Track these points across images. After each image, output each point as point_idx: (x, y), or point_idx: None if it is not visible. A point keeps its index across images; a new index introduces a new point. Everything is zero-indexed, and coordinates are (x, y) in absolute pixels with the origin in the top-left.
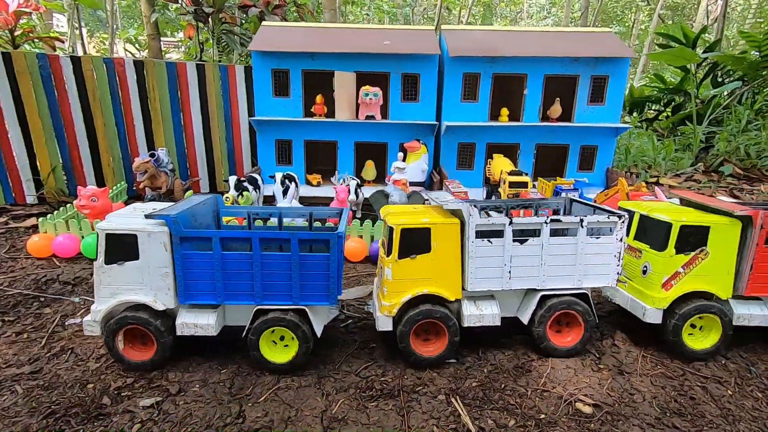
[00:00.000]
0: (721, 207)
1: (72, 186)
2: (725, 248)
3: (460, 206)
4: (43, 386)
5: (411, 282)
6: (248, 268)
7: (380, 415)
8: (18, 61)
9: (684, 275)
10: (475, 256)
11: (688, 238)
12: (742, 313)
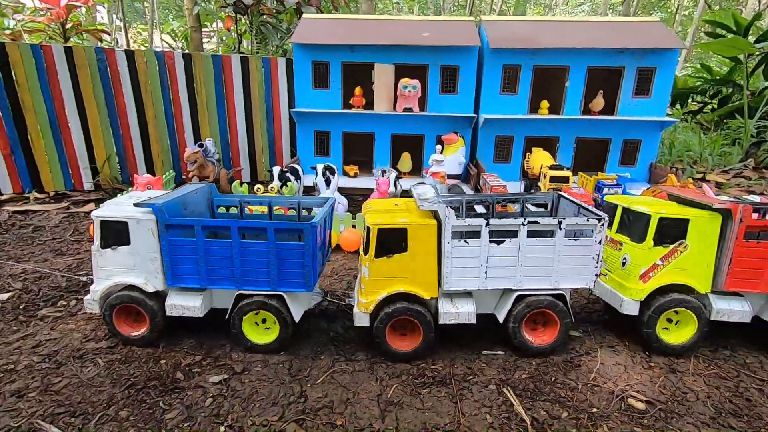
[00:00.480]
0: (702, 200)
1: (125, 174)
2: (705, 242)
3: (436, 207)
4: (121, 360)
5: (387, 280)
6: (229, 254)
7: (434, 401)
8: (78, 55)
9: (662, 268)
10: (451, 256)
11: (667, 231)
12: (722, 309)
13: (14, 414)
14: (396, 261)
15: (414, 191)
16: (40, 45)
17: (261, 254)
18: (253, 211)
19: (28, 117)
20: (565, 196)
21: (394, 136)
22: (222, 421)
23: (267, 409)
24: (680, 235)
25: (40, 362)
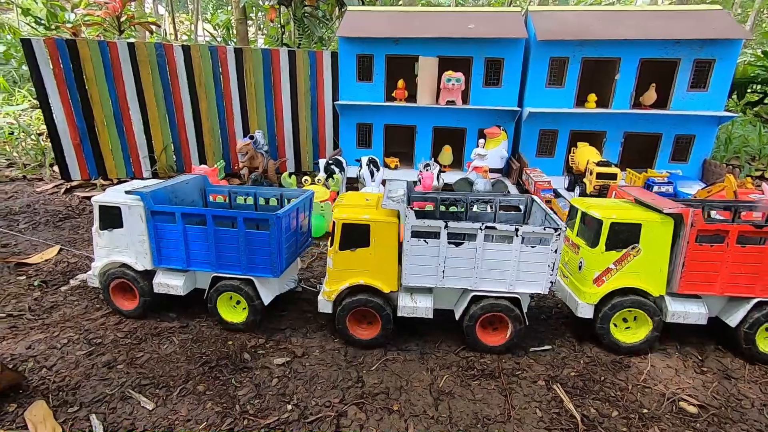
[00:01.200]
0: (654, 204)
1: (179, 162)
2: (658, 246)
3: (397, 208)
4: (192, 339)
5: (350, 272)
6: (205, 240)
7: (484, 393)
8: (140, 51)
9: (615, 271)
10: (410, 254)
11: (619, 235)
12: (677, 311)
13: (107, 383)
14: (358, 254)
15: (386, 187)
16: (106, 41)
17: (233, 241)
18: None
19: (95, 109)
20: (536, 200)
21: (436, 129)
22: (288, 400)
23: (328, 392)
24: (633, 240)
25: (123, 338)
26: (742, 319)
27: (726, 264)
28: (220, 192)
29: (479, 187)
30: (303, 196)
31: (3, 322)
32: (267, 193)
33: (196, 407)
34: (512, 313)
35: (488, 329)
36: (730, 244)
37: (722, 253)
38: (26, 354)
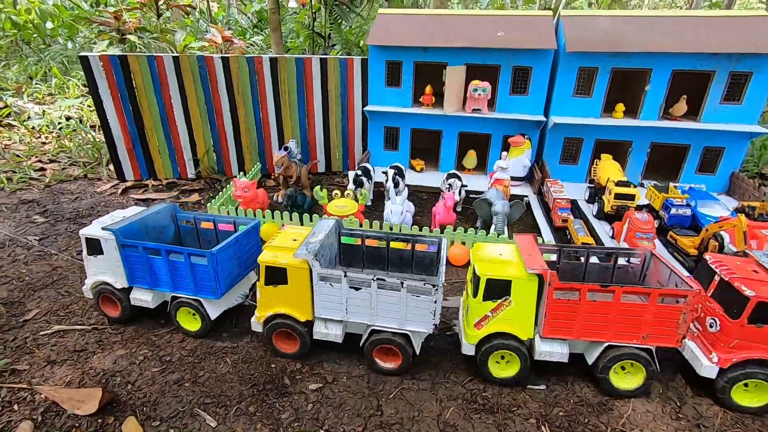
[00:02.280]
0: (525, 263)
1: (220, 164)
2: (525, 298)
3: (306, 257)
4: (242, 360)
5: (274, 302)
6: (163, 268)
7: (482, 428)
8: (184, 62)
9: (492, 318)
10: (319, 293)
11: (494, 289)
12: (544, 350)
13: (179, 400)
14: (279, 290)
15: (313, 229)
16: (154, 56)
17: (183, 269)
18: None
19: (144, 117)
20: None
21: (461, 134)
22: (321, 425)
23: (353, 419)
24: (505, 293)
25: (186, 356)
26: (596, 358)
27: (580, 314)
28: (187, 218)
29: (497, 209)
30: (247, 227)
31: (91, 335)
32: (225, 219)
33: (249, 426)
34: (402, 346)
35: (385, 354)
36: (582, 299)
37: (576, 306)
38: (113, 369)
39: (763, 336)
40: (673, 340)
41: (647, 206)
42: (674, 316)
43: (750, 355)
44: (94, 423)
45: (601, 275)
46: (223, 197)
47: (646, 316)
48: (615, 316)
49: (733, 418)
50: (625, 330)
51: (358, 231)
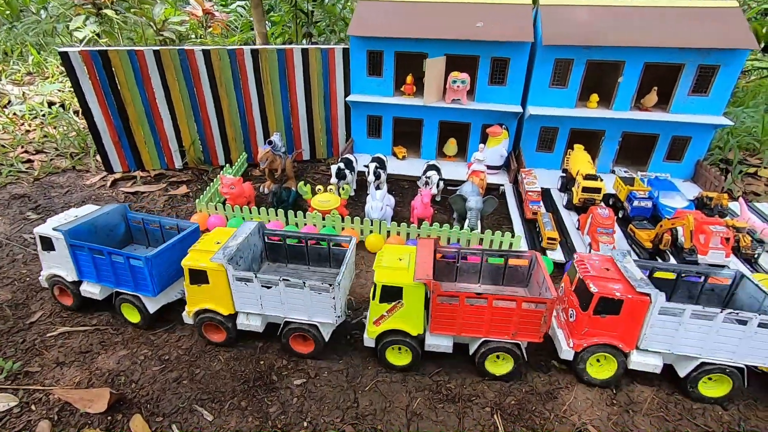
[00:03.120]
0: (416, 269)
1: (206, 155)
2: (415, 301)
3: (220, 262)
4: (234, 358)
5: (200, 299)
6: (107, 266)
7: (444, 416)
8: (165, 57)
9: (388, 317)
10: (236, 291)
11: (389, 293)
12: (432, 343)
13: (178, 397)
14: (203, 288)
15: (235, 232)
16: (134, 51)
17: (124, 269)
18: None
19: (129, 110)
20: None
21: (442, 123)
22: (304, 417)
23: (333, 411)
24: (398, 297)
25: (183, 354)
26: (475, 350)
27: (460, 315)
28: (137, 219)
29: (471, 205)
30: (186, 231)
31: (94, 335)
32: (168, 222)
33: (242, 420)
34: (313, 335)
35: (301, 341)
36: (461, 304)
37: (457, 308)
38: (117, 369)
39: (605, 325)
40: (537, 337)
41: (614, 196)
42: (537, 318)
43: (597, 341)
44: (105, 420)
45: (493, 274)
46: (210, 192)
47: (514, 317)
48: (489, 317)
49: (659, 402)
50: (498, 328)
51: (280, 232)
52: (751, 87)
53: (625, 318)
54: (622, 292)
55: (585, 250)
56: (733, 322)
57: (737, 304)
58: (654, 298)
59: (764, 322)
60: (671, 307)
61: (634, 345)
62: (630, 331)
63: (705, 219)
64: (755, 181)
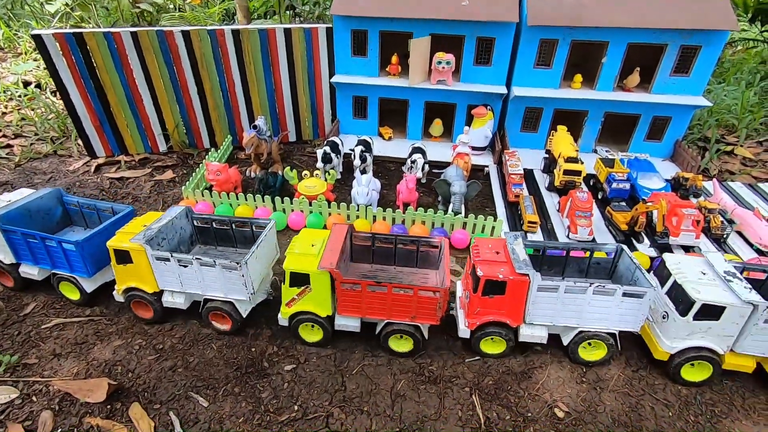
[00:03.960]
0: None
1: (191, 138)
2: (321, 287)
3: (140, 242)
4: (226, 345)
5: (126, 278)
6: (41, 249)
7: (426, 396)
8: (143, 39)
9: (298, 300)
10: (157, 270)
11: (297, 279)
12: (341, 323)
13: (174, 384)
14: (128, 268)
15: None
16: (111, 33)
17: (58, 251)
18: None
19: (109, 94)
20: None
21: (428, 103)
22: (295, 401)
23: (321, 395)
24: (306, 282)
25: (177, 343)
26: (380, 330)
27: (364, 300)
28: (73, 202)
29: (455, 189)
30: (120, 214)
31: (88, 326)
32: (103, 206)
33: (236, 405)
34: (228, 311)
35: (220, 318)
36: (363, 290)
37: (359, 293)
38: (114, 359)
39: (494, 304)
40: (435, 320)
41: (594, 176)
42: (432, 304)
43: (487, 319)
44: (104, 409)
45: (407, 258)
46: (196, 178)
47: (412, 303)
48: (390, 302)
49: (625, 379)
50: (399, 311)
51: (206, 216)
52: (736, 59)
53: (511, 297)
54: (506, 274)
55: (564, 232)
56: (601, 293)
57: (618, 275)
58: (532, 277)
59: (627, 293)
60: (547, 285)
61: (522, 320)
62: (516, 308)
63: (678, 202)
64: (731, 159)
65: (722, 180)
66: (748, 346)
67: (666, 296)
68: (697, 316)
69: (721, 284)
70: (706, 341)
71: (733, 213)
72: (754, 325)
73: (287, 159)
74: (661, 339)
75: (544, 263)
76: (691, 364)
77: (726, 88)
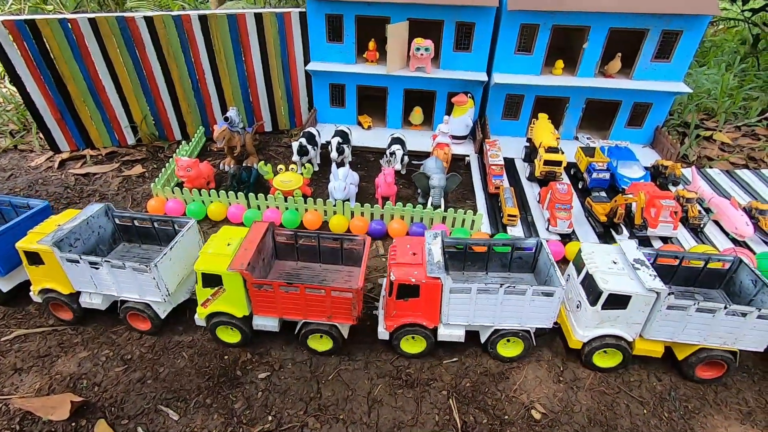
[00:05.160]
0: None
1: (160, 130)
2: (235, 287)
3: (47, 244)
4: (198, 354)
5: (40, 279)
6: None
7: (403, 401)
8: (102, 25)
9: (213, 300)
10: (68, 272)
11: (210, 280)
12: (259, 323)
13: (143, 397)
14: (41, 269)
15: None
16: (67, 19)
17: None
18: None
19: (69, 85)
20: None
21: (407, 91)
22: (269, 411)
23: (296, 404)
24: (219, 283)
25: (146, 353)
26: (298, 330)
27: (278, 300)
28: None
29: (434, 183)
30: (33, 210)
31: (52, 337)
32: (18, 201)
33: (207, 417)
34: (143, 312)
35: (140, 320)
36: (275, 291)
37: (273, 294)
38: (79, 372)
39: (410, 306)
40: (351, 320)
41: (575, 165)
42: (347, 304)
43: (404, 321)
44: (69, 427)
45: (333, 255)
46: (166, 174)
47: (326, 303)
48: (304, 302)
49: (600, 378)
50: (314, 311)
51: (126, 214)
52: (718, 40)
53: (425, 299)
54: (419, 278)
55: (544, 224)
56: (513, 294)
57: (538, 269)
58: (443, 281)
59: (538, 291)
60: (459, 287)
61: (439, 321)
62: (432, 310)
63: (656, 193)
64: (710, 145)
65: (700, 167)
66: (654, 331)
67: (580, 286)
68: (605, 306)
69: (630, 273)
70: (615, 329)
71: (710, 202)
72: (658, 312)
73: (263, 150)
74: (575, 328)
75: (468, 259)
76: (604, 350)
77: (706, 72)
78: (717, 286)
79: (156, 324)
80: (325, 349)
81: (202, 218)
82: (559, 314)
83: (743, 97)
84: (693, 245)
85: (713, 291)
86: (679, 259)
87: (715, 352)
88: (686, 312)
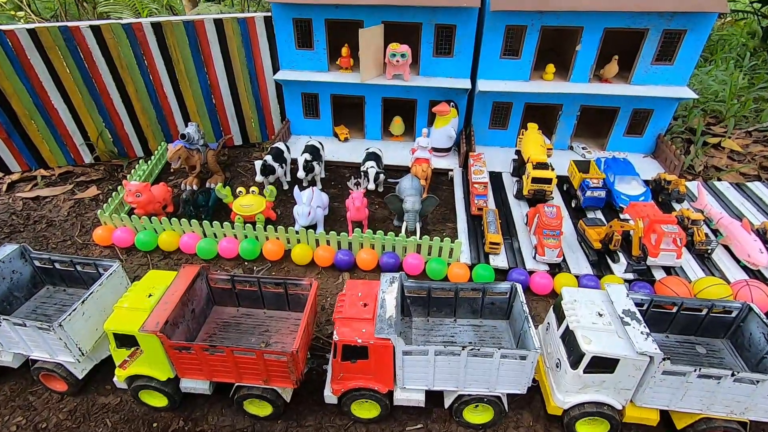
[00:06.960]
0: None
1: (119, 147)
2: (153, 348)
3: None
4: (124, 420)
5: None
6: None
7: None
8: (44, 37)
9: (131, 362)
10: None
11: (124, 340)
12: (187, 386)
13: None
14: None
15: None
16: (3, 31)
17: None
18: None
19: (13, 102)
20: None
21: (385, 100)
22: None
23: None
24: (135, 343)
25: (64, 420)
26: (232, 393)
27: (204, 363)
28: None
29: (407, 207)
30: None
31: None
32: None
33: None
34: (59, 374)
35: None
36: (197, 353)
37: (195, 356)
38: None
39: (359, 368)
40: (290, 383)
41: (568, 180)
42: (283, 367)
43: (353, 385)
44: None
45: (277, 300)
46: (116, 200)
47: (260, 365)
48: (234, 365)
49: None
50: (248, 374)
51: (45, 256)
52: (725, 33)
53: (375, 362)
54: (366, 337)
55: (531, 252)
56: (478, 356)
57: (513, 317)
58: (394, 342)
59: (506, 355)
60: (413, 350)
61: (393, 384)
62: (384, 373)
63: (658, 216)
64: (718, 153)
65: (708, 179)
66: (648, 399)
67: (560, 341)
68: (588, 369)
69: (618, 329)
70: (601, 395)
71: (719, 222)
72: (651, 377)
73: (232, 167)
74: (554, 391)
75: (433, 304)
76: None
77: (713, 72)
78: (722, 336)
79: (73, 384)
80: (266, 414)
81: (153, 249)
82: (537, 370)
83: (754, 98)
84: (699, 276)
85: (717, 341)
86: (677, 305)
87: (720, 422)
88: (686, 378)
